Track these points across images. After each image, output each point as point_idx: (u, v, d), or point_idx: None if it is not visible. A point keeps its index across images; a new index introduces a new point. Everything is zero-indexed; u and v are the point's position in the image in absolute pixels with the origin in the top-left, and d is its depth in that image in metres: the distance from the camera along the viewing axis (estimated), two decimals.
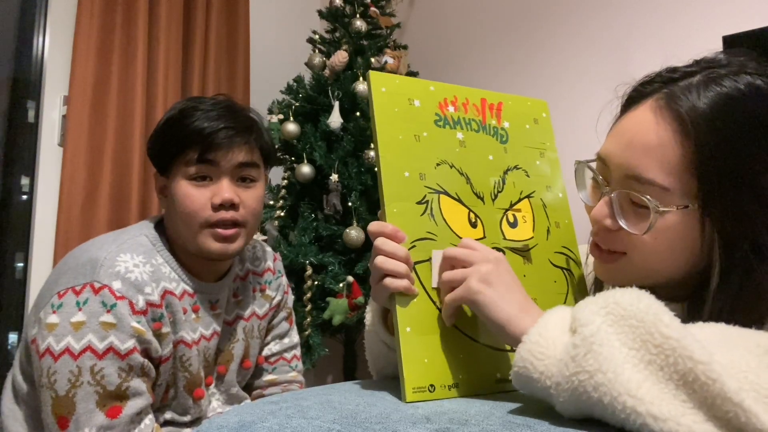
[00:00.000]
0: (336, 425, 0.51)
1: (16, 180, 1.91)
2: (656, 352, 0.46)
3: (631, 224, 0.63)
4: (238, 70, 2.35)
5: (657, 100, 0.62)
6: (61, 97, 1.93)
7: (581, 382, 0.47)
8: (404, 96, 0.68)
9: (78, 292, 0.93)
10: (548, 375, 0.51)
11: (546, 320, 0.55)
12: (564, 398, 0.49)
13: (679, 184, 0.59)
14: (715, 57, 0.64)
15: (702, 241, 0.60)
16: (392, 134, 0.66)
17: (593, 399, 0.47)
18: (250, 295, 1.21)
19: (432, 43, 2.79)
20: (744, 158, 0.58)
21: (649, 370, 0.46)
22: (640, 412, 0.44)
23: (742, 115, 0.59)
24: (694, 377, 0.44)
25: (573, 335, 0.51)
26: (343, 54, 2.16)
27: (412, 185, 0.65)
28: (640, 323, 0.48)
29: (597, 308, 0.51)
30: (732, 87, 0.59)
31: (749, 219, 0.58)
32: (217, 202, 1.02)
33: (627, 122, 0.65)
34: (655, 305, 0.49)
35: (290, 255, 1.97)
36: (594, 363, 0.47)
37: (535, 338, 0.53)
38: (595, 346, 0.48)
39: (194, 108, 1.04)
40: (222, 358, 1.15)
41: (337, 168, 2.05)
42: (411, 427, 0.49)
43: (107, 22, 1.93)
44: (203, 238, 1.02)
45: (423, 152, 0.67)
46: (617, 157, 0.64)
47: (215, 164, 1.03)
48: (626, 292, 0.51)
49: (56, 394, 0.90)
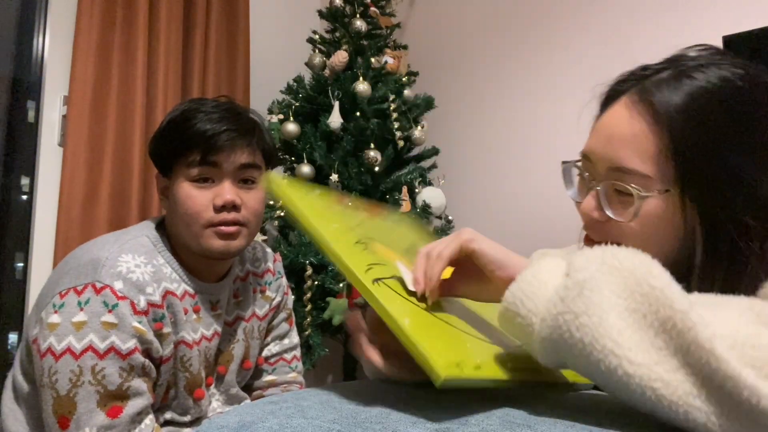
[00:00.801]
0: (336, 425, 0.51)
1: (16, 180, 1.91)
2: (641, 300, 0.47)
3: (618, 213, 0.66)
4: (238, 70, 2.35)
5: (631, 96, 0.67)
6: (61, 97, 1.94)
7: (566, 320, 0.49)
8: (305, 188, 0.73)
9: (80, 292, 0.93)
10: (534, 312, 0.52)
11: (540, 264, 0.55)
12: (545, 334, 0.50)
13: (659, 170, 0.63)
14: (684, 53, 0.68)
15: (685, 223, 0.64)
16: (319, 212, 0.67)
17: (575, 338, 0.48)
18: (251, 296, 1.21)
19: (432, 43, 2.79)
20: (716, 142, 0.62)
21: (633, 318, 0.47)
22: (618, 354, 0.46)
23: (712, 102, 0.62)
24: (672, 324, 0.45)
25: (566, 278, 0.51)
26: (343, 54, 2.16)
27: (349, 239, 0.66)
28: (631, 275, 0.49)
29: (594, 256, 0.52)
30: (701, 77, 0.63)
31: (727, 198, 0.62)
32: (219, 203, 1.02)
33: (605, 119, 0.69)
34: (648, 260, 0.50)
35: (290, 255, 1.97)
36: (581, 306, 0.48)
37: (528, 278, 0.54)
38: (585, 291, 0.49)
39: (196, 110, 1.05)
40: (222, 358, 1.15)
41: (337, 168, 2.05)
42: (411, 427, 0.49)
43: (107, 22, 1.93)
44: (205, 237, 1.03)
45: (345, 222, 0.69)
46: (599, 152, 0.68)
47: (217, 166, 1.03)
48: (624, 248, 0.52)
49: (57, 393, 0.90)
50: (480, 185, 2.59)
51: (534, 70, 2.44)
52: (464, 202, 2.58)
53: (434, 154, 2.27)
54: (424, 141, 2.21)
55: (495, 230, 2.49)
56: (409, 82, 2.28)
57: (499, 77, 2.57)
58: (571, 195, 0.75)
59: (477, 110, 2.64)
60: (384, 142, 2.12)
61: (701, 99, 0.62)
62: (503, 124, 2.50)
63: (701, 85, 0.63)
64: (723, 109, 0.62)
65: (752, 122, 0.62)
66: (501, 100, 2.54)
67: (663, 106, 0.63)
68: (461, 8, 2.72)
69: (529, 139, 2.33)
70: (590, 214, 0.69)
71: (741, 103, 0.62)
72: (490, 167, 2.56)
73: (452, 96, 2.69)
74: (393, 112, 2.12)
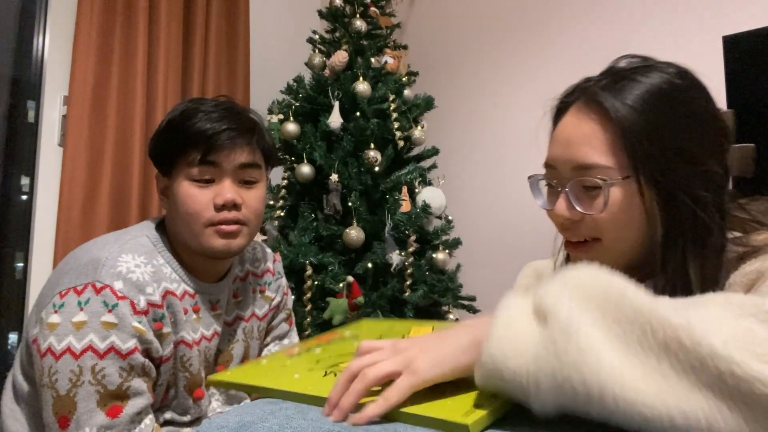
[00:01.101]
0: (336, 426, 0.51)
1: (16, 180, 1.91)
2: (630, 327, 0.46)
3: (589, 207, 0.73)
4: (238, 70, 2.35)
5: (579, 104, 0.76)
6: (61, 97, 1.94)
7: (564, 377, 0.46)
8: (248, 366, 0.75)
9: (80, 292, 0.93)
10: (520, 373, 0.49)
11: (507, 313, 0.53)
12: (545, 397, 0.48)
13: (616, 161, 0.71)
14: (617, 64, 0.78)
15: (644, 204, 0.71)
16: (275, 376, 0.66)
17: (579, 393, 0.45)
18: (250, 296, 1.22)
19: (432, 43, 2.79)
20: (662, 129, 0.70)
21: (627, 347, 0.45)
22: (628, 399, 0.43)
23: (655, 97, 0.71)
24: (678, 343, 0.43)
25: (545, 326, 0.49)
26: (343, 54, 2.16)
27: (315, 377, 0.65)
28: (606, 301, 0.47)
29: (558, 291, 0.50)
30: (644, 79, 0.72)
31: (679, 175, 0.70)
32: (220, 202, 1.02)
33: (561, 129, 0.77)
34: (615, 280, 0.49)
35: (290, 255, 1.97)
36: (575, 355, 0.46)
37: (501, 332, 0.51)
38: (572, 336, 0.46)
39: (196, 109, 1.05)
40: (222, 358, 1.15)
41: (337, 168, 2.05)
42: (411, 428, 0.50)
43: (107, 22, 1.93)
44: (206, 236, 1.03)
45: (304, 366, 0.69)
46: (561, 156, 0.75)
47: (217, 165, 1.03)
48: (581, 270, 0.51)
49: (57, 393, 0.90)
50: (480, 185, 2.59)
51: (534, 70, 2.44)
52: (464, 202, 2.58)
53: (434, 154, 2.27)
54: (424, 141, 2.21)
55: (495, 230, 2.49)
56: (409, 82, 2.28)
57: (499, 77, 2.57)
58: (541, 204, 0.82)
59: (477, 110, 2.64)
60: (384, 142, 2.12)
61: (646, 95, 0.71)
62: (503, 124, 2.50)
63: (644, 84, 0.72)
64: (666, 102, 0.71)
65: (691, 110, 0.72)
66: (501, 99, 2.54)
67: (611, 105, 0.71)
68: (461, 8, 2.72)
69: (529, 139, 2.33)
70: (564, 214, 0.75)
71: (680, 95, 0.72)
72: (490, 167, 2.56)
73: (452, 96, 2.69)
74: (393, 112, 2.12)
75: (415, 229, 2.01)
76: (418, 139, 2.17)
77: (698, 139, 0.71)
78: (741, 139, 1.70)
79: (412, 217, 2.01)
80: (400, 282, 2.00)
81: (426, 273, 2.05)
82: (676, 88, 0.72)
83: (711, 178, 0.70)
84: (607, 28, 2.24)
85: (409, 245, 2.00)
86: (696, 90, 0.73)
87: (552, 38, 2.40)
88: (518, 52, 2.52)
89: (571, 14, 2.35)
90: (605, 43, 2.24)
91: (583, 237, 0.75)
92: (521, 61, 2.50)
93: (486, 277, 2.44)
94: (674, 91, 0.72)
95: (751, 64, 1.67)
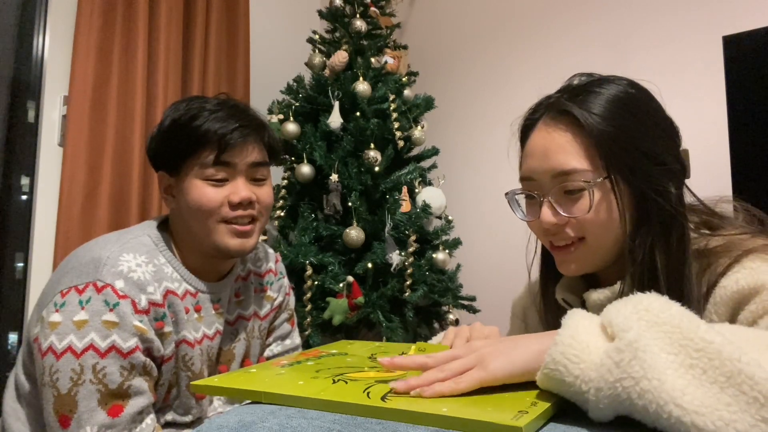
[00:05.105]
0: (336, 425, 0.51)
1: (16, 180, 1.91)
2: (697, 356, 0.47)
3: (574, 210, 0.78)
4: (238, 70, 2.35)
5: (545, 119, 0.82)
6: (61, 97, 1.93)
7: (625, 388, 0.48)
8: (236, 373, 0.72)
9: (81, 290, 0.93)
10: (585, 380, 0.51)
11: (576, 323, 0.55)
12: (604, 404, 0.50)
13: (592, 164, 0.77)
14: (572, 82, 0.84)
15: (619, 202, 0.76)
16: (272, 380, 0.65)
17: (637, 406, 0.47)
18: (252, 296, 1.22)
19: (432, 43, 2.80)
20: (627, 133, 0.77)
21: (691, 374, 0.47)
22: (685, 422, 0.45)
23: (617, 106, 0.78)
24: (743, 378, 0.45)
25: (614, 340, 0.51)
26: (343, 54, 2.16)
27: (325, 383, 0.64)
28: (676, 329, 0.49)
29: (629, 313, 0.52)
30: (604, 91, 0.79)
31: (645, 172, 0.76)
32: (236, 200, 1.03)
33: (534, 142, 0.82)
34: (686, 312, 0.51)
35: (290, 255, 1.97)
36: (639, 369, 0.48)
37: (567, 341, 0.53)
38: (639, 352, 0.48)
39: (200, 108, 1.04)
40: (224, 357, 1.15)
41: (337, 168, 2.05)
42: (411, 428, 0.50)
43: (107, 22, 1.93)
44: (220, 235, 1.03)
45: (305, 374, 0.67)
46: (539, 167, 0.80)
47: (231, 165, 1.04)
48: (653, 298, 0.54)
49: (58, 392, 0.90)
50: (480, 185, 2.59)
51: (534, 70, 2.44)
52: (464, 202, 2.58)
53: (434, 154, 2.27)
54: (424, 141, 2.21)
55: (494, 230, 2.49)
56: (409, 82, 2.28)
57: (499, 77, 2.57)
58: (521, 217, 0.87)
59: (477, 110, 2.64)
60: (384, 142, 2.12)
61: (608, 104, 0.78)
62: (503, 124, 2.50)
63: (604, 95, 0.79)
64: (627, 108, 0.78)
65: (648, 116, 0.79)
66: (501, 99, 2.54)
67: (580, 114, 0.77)
68: (461, 8, 2.72)
69: None
70: (551, 221, 0.79)
71: (637, 102, 0.80)
72: (490, 167, 2.56)
73: (452, 96, 2.69)
74: (393, 112, 2.12)
75: (415, 229, 2.01)
76: (418, 139, 2.17)
77: (658, 139, 0.78)
78: (741, 139, 1.70)
79: (412, 217, 2.01)
80: (400, 282, 2.00)
81: (426, 273, 2.05)
82: (632, 96, 0.80)
83: (673, 173, 0.78)
84: (608, 29, 2.24)
85: (409, 245, 2.00)
86: (648, 97, 0.82)
87: (552, 38, 2.41)
88: (518, 51, 2.52)
89: (570, 14, 2.35)
90: (605, 43, 2.24)
91: (570, 239, 0.80)
92: (521, 61, 2.50)
93: (486, 277, 2.44)
94: (632, 99, 0.79)
95: (751, 64, 1.67)
